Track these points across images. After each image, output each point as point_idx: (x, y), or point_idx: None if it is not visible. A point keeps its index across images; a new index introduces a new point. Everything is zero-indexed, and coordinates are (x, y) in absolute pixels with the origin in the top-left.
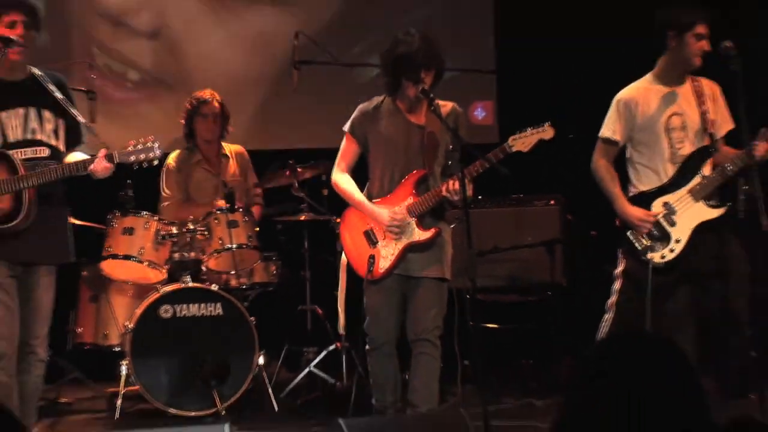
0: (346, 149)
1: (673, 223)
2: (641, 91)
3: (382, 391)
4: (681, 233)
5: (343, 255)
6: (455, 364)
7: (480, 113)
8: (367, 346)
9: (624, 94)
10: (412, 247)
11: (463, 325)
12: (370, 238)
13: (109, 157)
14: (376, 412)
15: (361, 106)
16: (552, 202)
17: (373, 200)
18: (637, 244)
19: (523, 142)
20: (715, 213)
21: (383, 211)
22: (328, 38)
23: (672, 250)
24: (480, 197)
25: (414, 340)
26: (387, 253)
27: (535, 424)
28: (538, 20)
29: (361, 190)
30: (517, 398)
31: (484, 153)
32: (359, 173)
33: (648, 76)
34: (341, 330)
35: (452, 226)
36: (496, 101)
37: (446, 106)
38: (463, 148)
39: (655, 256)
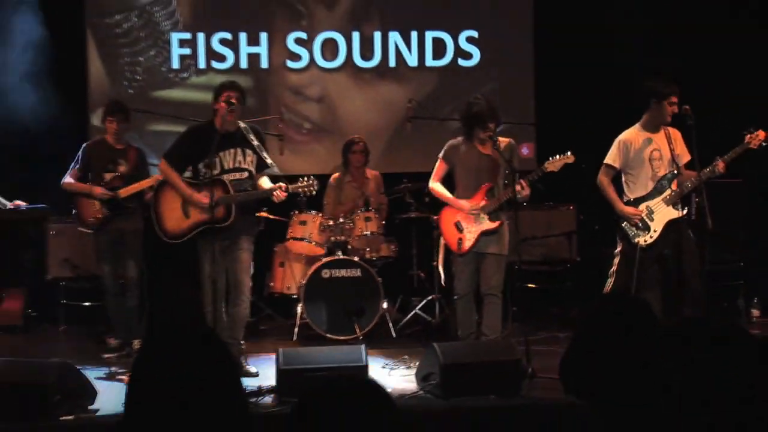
0: (439, 168)
1: (652, 220)
2: (633, 136)
3: (464, 326)
4: (657, 226)
5: (441, 238)
6: (508, 310)
7: (525, 151)
8: (455, 297)
9: (623, 136)
10: (484, 233)
11: (513, 284)
12: (458, 227)
13: (285, 189)
14: (460, 340)
15: (450, 142)
16: (570, 206)
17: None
18: (629, 232)
19: (553, 165)
20: (678, 214)
21: (465, 203)
22: (430, 101)
23: (651, 237)
24: (525, 203)
25: (484, 294)
26: (469, 237)
27: (558, 350)
28: (566, 89)
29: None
30: (546, 332)
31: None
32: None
33: (637, 126)
34: (442, 284)
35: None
36: (535, 143)
37: (505, 141)
38: (513, 170)
39: (641, 240)
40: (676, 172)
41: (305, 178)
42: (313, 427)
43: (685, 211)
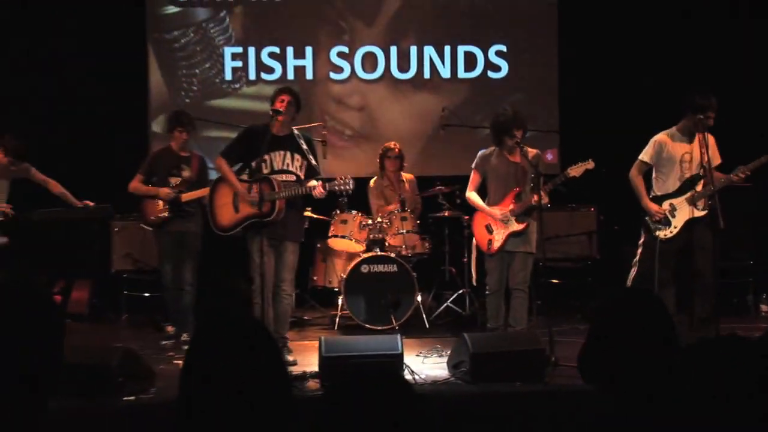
0: (474, 178)
1: (674, 216)
2: (668, 137)
3: (493, 319)
4: (678, 222)
5: (473, 239)
6: (533, 303)
7: (549, 156)
8: (486, 291)
9: (659, 137)
10: (512, 234)
11: (538, 280)
12: (488, 229)
13: (324, 187)
14: (489, 331)
15: (481, 152)
16: (591, 208)
17: (490, 206)
18: (652, 226)
19: (576, 170)
20: (699, 214)
21: (496, 210)
22: (462, 110)
23: (671, 232)
24: (549, 205)
25: (512, 288)
26: (498, 238)
27: (579, 340)
28: (588, 99)
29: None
30: (568, 324)
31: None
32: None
33: (673, 129)
34: (474, 282)
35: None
36: (559, 149)
37: (533, 151)
38: (538, 176)
39: (661, 234)
40: (702, 174)
41: (341, 178)
42: (341, 410)
43: (706, 212)
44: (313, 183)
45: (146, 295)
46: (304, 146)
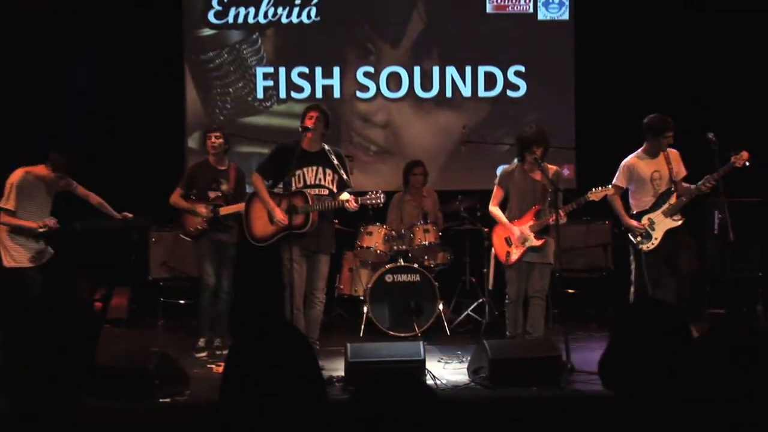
0: (497, 193)
1: (653, 229)
2: (637, 160)
3: (512, 327)
4: (658, 234)
5: (493, 250)
6: (550, 311)
7: (566, 171)
8: (506, 300)
9: (628, 161)
10: (530, 248)
11: (554, 289)
12: (507, 242)
13: (356, 201)
14: (509, 338)
15: (504, 169)
16: (606, 222)
17: (511, 221)
18: (635, 240)
19: (595, 195)
20: (675, 224)
21: (515, 229)
22: (482, 128)
23: (653, 243)
24: (565, 221)
25: (530, 297)
26: (516, 251)
27: (594, 347)
28: (602, 117)
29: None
30: (584, 331)
31: (568, 196)
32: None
33: (639, 151)
34: (490, 287)
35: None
36: (575, 164)
37: (552, 168)
38: (556, 192)
39: (644, 247)
40: (673, 189)
41: (373, 192)
42: (367, 413)
43: (682, 221)
44: (345, 196)
45: (181, 302)
46: (335, 161)
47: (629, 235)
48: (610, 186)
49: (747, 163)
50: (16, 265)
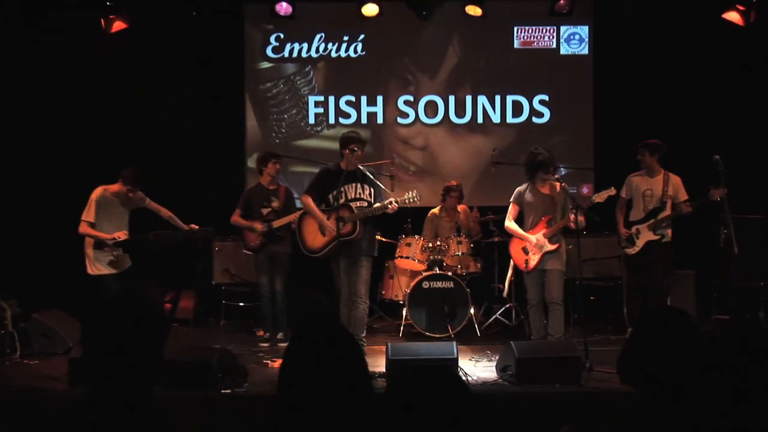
0: (512, 210)
1: (638, 238)
2: (636, 178)
3: (535, 329)
4: (640, 243)
5: (511, 260)
6: (570, 316)
7: (585, 190)
8: (528, 306)
9: (631, 177)
10: (546, 254)
11: (575, 296)
12: (525, 251)
13: (396, 202)
14: (533, 340)
15: (517, 189)
16: None
17: (526, 231)
18: (620, 244)
19: (599, 197)
20: (655, 237)
21: (532, 237)
22: (510, 151)
23: (635, 249)
24: (585, 232)
25: (549, 302)
26: (533, 258)
27: (610, 349)
28: (619, 140)
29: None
30: (601, 334)
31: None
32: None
33: (641, 171)
34: (504, 294)
35: (570, 246)
36: (594, 183)
37: (557, 185)
38: (566, 203)
39: (628, 251)
40: (659, 207)
41: (410, 192)
42: (406, 404)
43: (659, 236)
44: (387, 201)
45: (241, 304)
46: (371, 178)
47: (619, 240)
48: (612, 188)
49: (719, 199)
50: (97, 272)
